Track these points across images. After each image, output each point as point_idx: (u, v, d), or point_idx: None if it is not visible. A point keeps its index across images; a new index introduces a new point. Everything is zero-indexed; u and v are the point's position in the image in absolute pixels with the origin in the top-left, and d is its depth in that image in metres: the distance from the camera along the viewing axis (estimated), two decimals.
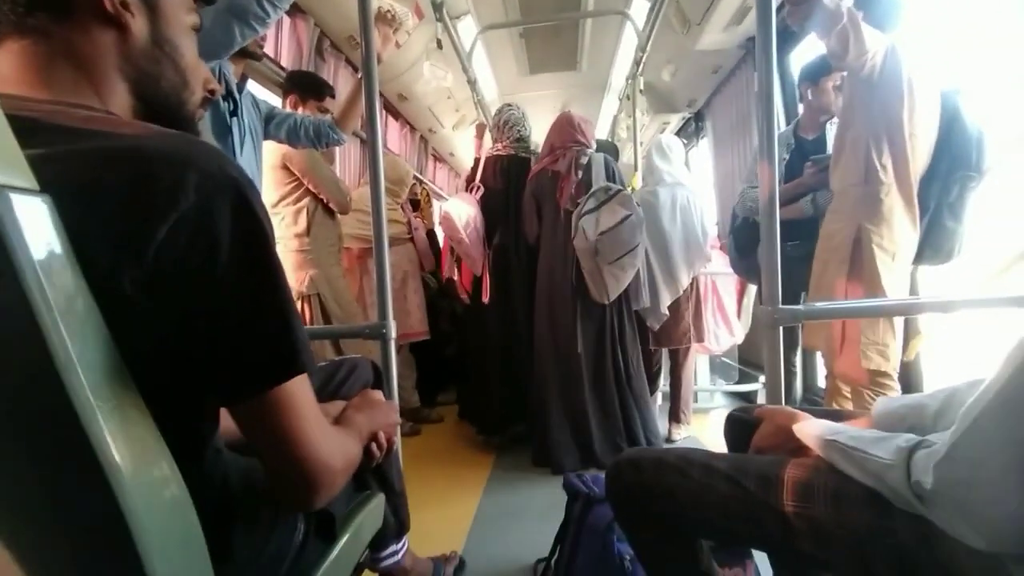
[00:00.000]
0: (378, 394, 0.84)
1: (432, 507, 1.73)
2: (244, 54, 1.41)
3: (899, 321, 1.52)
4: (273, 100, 1.97)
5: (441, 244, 2.76)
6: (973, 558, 0.46)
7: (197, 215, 0.40)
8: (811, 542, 0.59)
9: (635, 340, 2.15)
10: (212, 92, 0.61)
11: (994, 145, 1.52)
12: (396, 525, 1.08)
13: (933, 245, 1.59)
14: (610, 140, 4.29)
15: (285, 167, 1.97)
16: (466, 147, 5.39)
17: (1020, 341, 0.44)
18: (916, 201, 1.50)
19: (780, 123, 2.75)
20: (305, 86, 2.03)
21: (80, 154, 0.40)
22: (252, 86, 2.17)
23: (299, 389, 0.47)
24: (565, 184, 2.08)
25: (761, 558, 0.98)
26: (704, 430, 2.46)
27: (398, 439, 1.15)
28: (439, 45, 2.48)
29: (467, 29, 3.11)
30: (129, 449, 0.35)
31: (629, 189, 2.07)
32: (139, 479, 0.36)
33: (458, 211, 2.18)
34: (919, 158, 1.50)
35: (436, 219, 3.79)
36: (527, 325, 2.23)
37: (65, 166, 0.38)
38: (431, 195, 3.82)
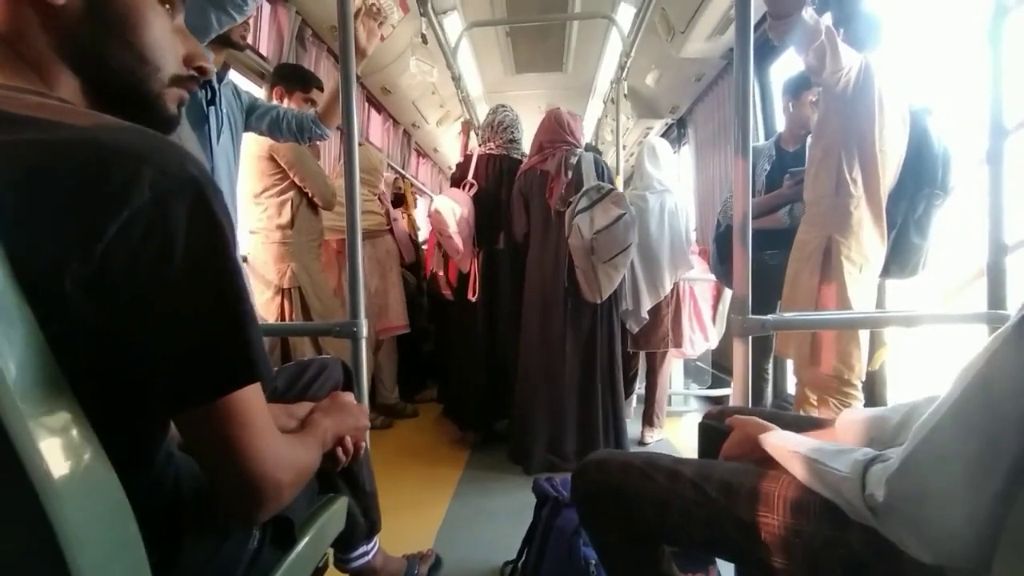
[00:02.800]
0: (348, 396, 0.83)
1: (403, 506, 1.71)
2: (226, 43, 1.36)
3: (864, 332, 1.56)
4: (253, 90, 1.92)
5: (426, 239, 2.74)
6: (920, 571, 0.48)
7: (151, 213, 0.38)
8: (769, 550, 0.60)
9: (620, 343, 2.18)
10: (201, 71, 0.57)
11: (959, 164, 1.57)
12: (367, 525, 1.07)
13: (899, 260, 1.64)
14: (593, 143, 4.30)
15: (271, 158, 1.93)
16: (450, 143, 5.36)
17: (970, 363, 0.45)
18: (884, 215, 1.54)
19: (760, 135, 2.81)
20: (291, 77, 1.99)
21: (24, 144, 0.38)
22: (234, 77, 2.13)
23: (250, 398, 0.45)
24: (555, 184, 2.07)
25: (725, 566, 1.00)
26: (676, 433, 2.49)
27: (367, 442, 1.15)
28: (424, 40, 2.45)
29: (453, 25, 3.09)
30: (62, 457, 0.33)
31: None
32: (71, 488, 0.34)
33: (450, 207, 2.14)
34: (888, 174, 1.54)
35: (421, 217, 3.76)
36: (513, 323, 2.22)
37: (4, 156, 0.36)
38: (416, 192, 3.78)
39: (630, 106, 4.06)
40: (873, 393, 1.86)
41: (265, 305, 1.93)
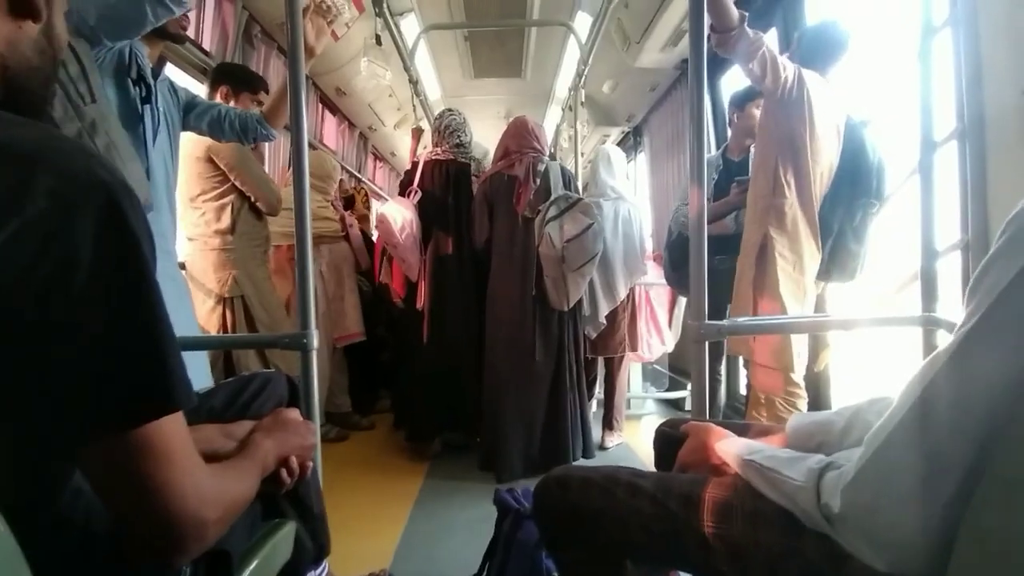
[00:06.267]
0: (293, 412, 0.78)
1: (358, 522, 1.65)
2: (162, 36, 1.27)
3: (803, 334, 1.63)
4: (194, 87, 1.81)
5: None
6: None
7: (48, 223, 0.34)
8: (729, 561, 0.60)
9: (582, 348, 2.22)
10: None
11: (893, 174, 1.67)
12: (315, 550, 1.01)
13: (839, 265, 1.73)
14: (552, 150, 4.34)
15: (210, 159, 1.81)
16: (407, 147, 5.28)
17: (916, 375, 0.47)
18: (816, 218, 1.61)
19: (711, 145, 2.90)
20: (240, 78, 1.88)
21: None
22: (172, 72, 1.99)
23: (169, 429, 0.40)
24: (524, 190, 2.08)
25: None
26: (636, 436, 2.52)
27: (318, 458, 1.09)
28: (378, 41, 2.39)
29: (410, 27, 3.04)
30: None
31: None
32: None
33: (395, 214, 2.13)
34: (820, 180, 1.61)
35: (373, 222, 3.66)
36: (466, 331, 2.20)
37: None
38: (369, 195, 3.68)
39: (588, 114, 4.12)
40: (818, 393, 1.94)
41: (206, 316, 1.81)
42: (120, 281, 0.37)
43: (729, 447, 0.70)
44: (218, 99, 1.83)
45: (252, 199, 1.92)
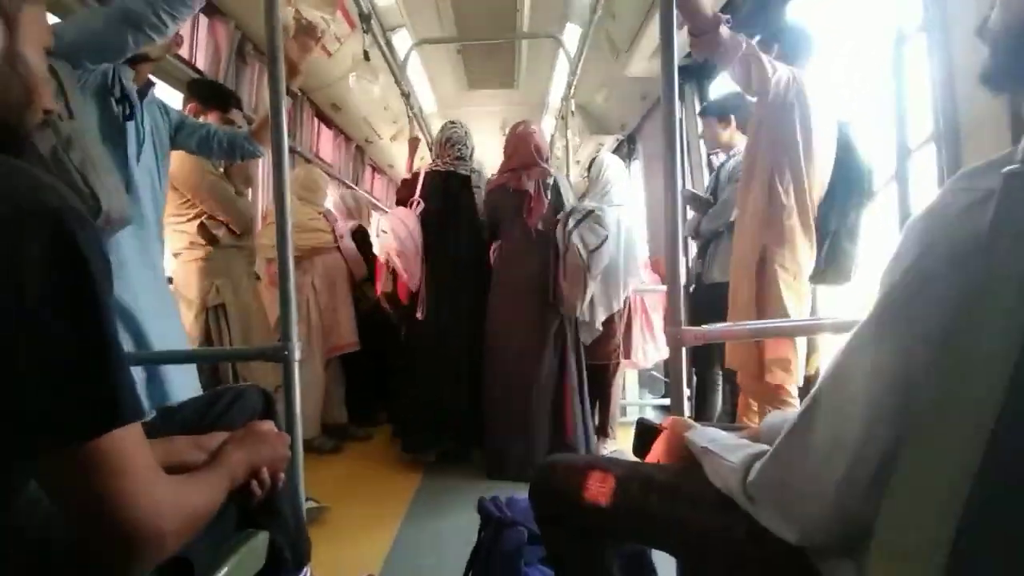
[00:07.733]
0: (267, 424, 0.79)
1: (349, 533, 1.66)
2: (144, 59, 1.30)
3: (801, 339, 1.61)
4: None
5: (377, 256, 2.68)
6: (789, 554, 0.53)
7: None
8: (671, 536, 0.68)
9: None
10: (47, 112, 0.56)
11: (879, 174, 1.66)
12: (293, 559, 1.01)
13: (834, 267, 1.69)
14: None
15: (172, 187, 1.77)
16: (405, 158, 5.33)
17: (832, 360, 0.50)
18: (812, 223, 1.57)
19: (701, 151, 2.92)
20: (208, 95, 1.87)
21: None
22: (168, 94, 2.02)
23: (121, 442, 0.42)
24: (536, 205, 2.14)
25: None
26: (631, 443, 2.50)
27: (299, 467, 1.10)
28: (366, 56, 2.43)
29: (403, 42, 3.09)
30: None
31: None
32: None
33: (397, 225, 2.14)
34: (816, 184, 1.57)
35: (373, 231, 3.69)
36: (466, 340, 2.22)
37: None
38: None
39: (583, 122, 4.15)
40: None
41: (189, 328, 1.81)
42: (68, 305, 0.39)
43: (693, 436, 0.73)
44: (188, 114, 1.80)
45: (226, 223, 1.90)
